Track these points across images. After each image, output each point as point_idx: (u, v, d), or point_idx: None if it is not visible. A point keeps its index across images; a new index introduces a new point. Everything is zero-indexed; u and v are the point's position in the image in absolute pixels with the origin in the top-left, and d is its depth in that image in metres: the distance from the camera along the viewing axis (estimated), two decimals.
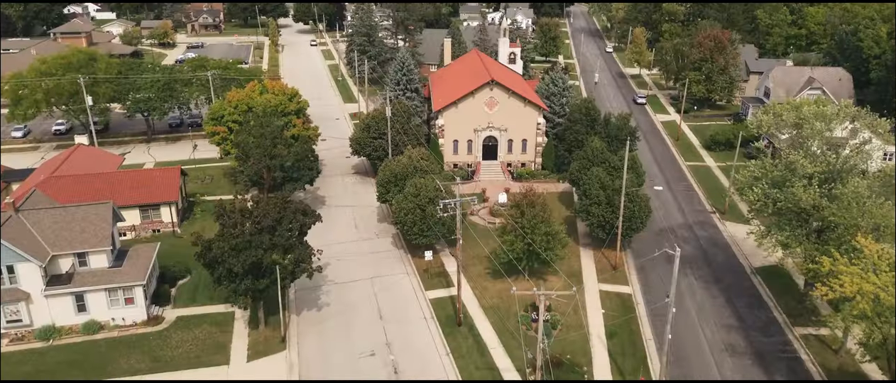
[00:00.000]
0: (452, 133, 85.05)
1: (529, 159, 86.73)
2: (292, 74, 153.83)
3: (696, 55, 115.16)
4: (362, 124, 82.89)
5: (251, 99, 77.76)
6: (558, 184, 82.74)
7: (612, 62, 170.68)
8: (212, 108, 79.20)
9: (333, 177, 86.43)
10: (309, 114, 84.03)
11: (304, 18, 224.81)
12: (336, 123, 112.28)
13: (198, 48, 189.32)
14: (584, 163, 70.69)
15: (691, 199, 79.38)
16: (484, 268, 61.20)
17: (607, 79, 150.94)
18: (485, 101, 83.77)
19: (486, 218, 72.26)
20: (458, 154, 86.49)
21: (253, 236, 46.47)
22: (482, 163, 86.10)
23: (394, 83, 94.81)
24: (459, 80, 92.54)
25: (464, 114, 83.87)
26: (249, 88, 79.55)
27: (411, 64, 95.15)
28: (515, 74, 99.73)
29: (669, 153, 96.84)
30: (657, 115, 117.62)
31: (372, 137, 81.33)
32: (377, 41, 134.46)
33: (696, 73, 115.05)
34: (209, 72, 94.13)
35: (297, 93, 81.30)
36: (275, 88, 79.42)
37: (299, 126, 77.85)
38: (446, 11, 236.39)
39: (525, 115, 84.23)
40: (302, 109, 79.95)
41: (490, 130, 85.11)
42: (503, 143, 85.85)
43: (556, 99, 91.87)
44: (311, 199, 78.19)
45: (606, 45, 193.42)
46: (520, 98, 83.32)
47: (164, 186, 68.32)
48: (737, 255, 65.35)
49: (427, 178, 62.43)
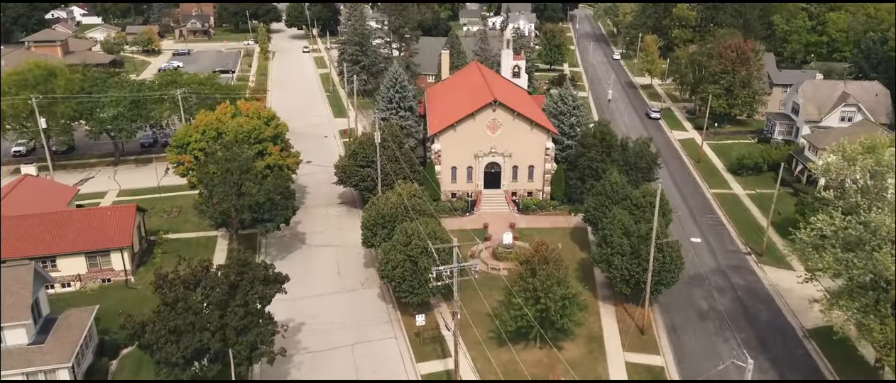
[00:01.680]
0: (450, 159, 75.70)
1: (537, 187, 77.33)
2: (281, 84, 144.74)
3: (715, 66, 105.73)
4: (349, 150, 73.49)
5: (221, 123, 68.37)
6: (570, 218, 73.32)
7: (620, 70, 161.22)
8: (176, 134, 69.82)
9: (317, 209, 77.04)
10: (288, 140, 74.47)
11: (297, 23, 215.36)
12: (324, 143, 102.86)
13: (184, 55, 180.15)
14: (601, 200, 61.23)
15: (721, 237, 69.91)
16: (487, 331, 51.75)
17: (616, 89, 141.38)
18: (487, 124, 74.41)
19: (488, 262, 62.81)
20: (457, 182, 77.11)
21: (198, 316, 37.04)
22: (484, 193, 76.70)
23: (385, 101, 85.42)
24: (458, 97, 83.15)
25: (463, 138, 74.54)
26: (220, 110, 70.16)
27: (405, 79, 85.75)
28: (520, 90, 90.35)
29: (691, 178, 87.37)
30: (673, 132, 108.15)
31: (359, 165, 71.93)
32: (370, 51, 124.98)
33: (715, 87, 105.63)
34: (179, 89, 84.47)
35: (275, 116, 71.85)
36: (249, 110, 70.01)
37: (276, 154, 68.40)
38: (445, 16, 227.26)
39: (532, 139, 74.87)
40: (280, 135, 70.51)
41: (493, 156, 75.73)
42: (507, 170, 76.47)
43: (566, 118, 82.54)
44: (289, 238, 68.80)
45: (613, 51, 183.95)
46: (526, 120, 73.96)
47: (115, 229, 58.90)
48: (783, 311, 55.85)
49: (419, 223, 52.99)
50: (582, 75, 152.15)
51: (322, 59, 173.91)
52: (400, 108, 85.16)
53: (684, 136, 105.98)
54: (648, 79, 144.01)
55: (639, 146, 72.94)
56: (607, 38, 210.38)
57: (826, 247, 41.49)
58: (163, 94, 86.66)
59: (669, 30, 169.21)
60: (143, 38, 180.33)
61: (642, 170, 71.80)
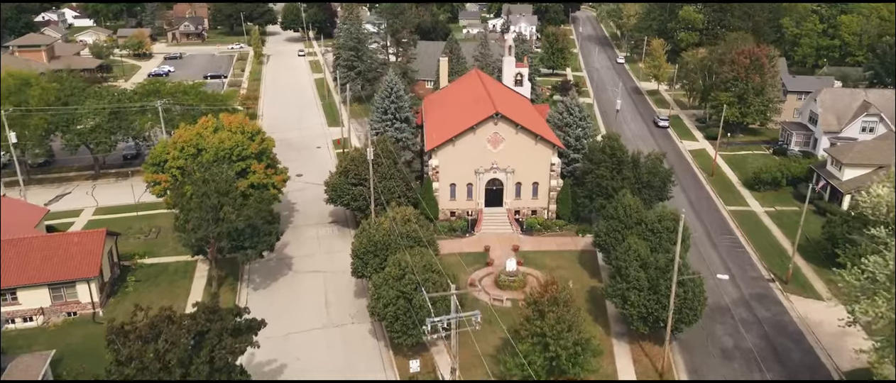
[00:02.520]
0: (449, 175, 70.62)
1: (541, 206, 72.23)
2: (274, 90, 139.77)
3: (728, 73, 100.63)
4: (340, 167, 68.39)
5: (201, 138, 63.28)
6: (577, 239, 68.21)
7: (624, 75, 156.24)
8: (153, 151, 64.68)
9: (306, 228, 71.93)
10: (275, 155, 69.32)
11: (292, 26, 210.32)
12: (316, 154, 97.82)
13: (176, 59, 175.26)
14: (613, 224, 56.08)
15: (741, 260, 64.77)
16: (489, 375, 46.62)
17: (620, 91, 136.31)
18: (488, 138, 69.33)
19: (490, 291, 57.69)
20: (456, 200, 72.02)
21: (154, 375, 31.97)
22: (485, 211, 71.60)
23: (380, 111, 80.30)
24: (458, 108, 78.06)
25: (463, 153, 69.46)
26: (201, 125, 65.06)
27: (401, 88, 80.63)
28: (523, 99, 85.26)
29: (704, 193, 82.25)
30: (683, 142, 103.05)
31: (351, 184, 66.84)
32: (366, 56, 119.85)
33: (727, 94, 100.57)
34: (159, 101, 79.22)
35: (260, 130, 66.68)
36: (232, 124, 64.88)
37: (260, 172, 63.25)
38: (444, 18, 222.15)
39: (536, 154, 69.79)
40: (265, 151, 65.36)
41: (494, 172, 70.66)
42: (510, 187, 71.40)
43: (571, 130, 77.54)
44: (274, 262, 63.68)
45: (617, 55, 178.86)
46: (530, 134, 68.88)
47: (81, 258, 53.78)
48: (815, 349, 50.71)
49: (414, 254, 47.91)
50: (586, 80, 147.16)
51: (318, 62, 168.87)
52: (395, 119, 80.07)
53: (695, 147, 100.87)
54: (655, 84, 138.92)
55: (651, 162, 67.85)
56: (610, 40, 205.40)
57: (878, 292, 36.36)
58: (144, 104, 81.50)
59: (675, 33, 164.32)
60: (133, 41, 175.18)
61: (655, 188, 66.76)
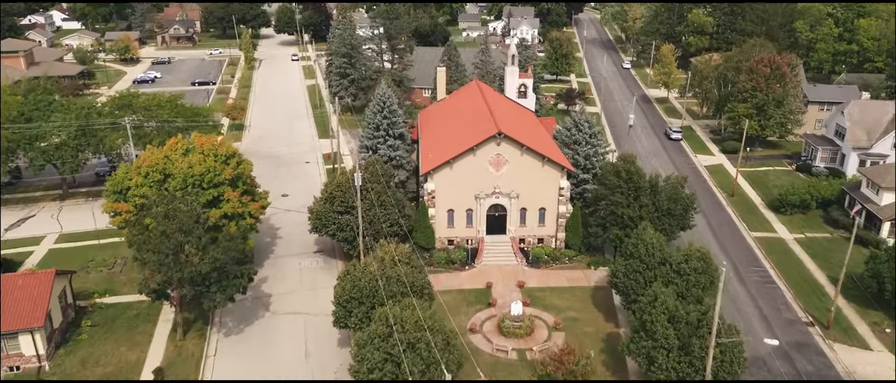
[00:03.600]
0: (446, 200, 63.84)
1: (549, 233, 65.44)
2: (264, 98, 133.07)
3: (746, 83, 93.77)
4: (325, 193, 61.52)
5: (169, 162, 56.45)
6: (589, 273, 61.38)
7: (631, 80, 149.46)
8: (113, 177, 57.78)
9: (289, 259, 65.09)
10: (254, 178, 62.48)
11: (286, 29, 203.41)
12: (305, 170, 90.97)
13: (164, 64, 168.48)
14: (633, 265, 49.23)
15: (774, 299, 57.90)
16: None
17: (627, 100, 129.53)
18: (490, 159, 62.55)
19: (493, 340, 50.81)
20: (455, 227, 65.23)
21: None
22: (486, 240, 64.79)
23: (372, 127, 73.47)
24: (456, 124, 71.29)
25: (461, 177, 62.70)
26: (169, 147, 58.21)
27: (394, 102, 73.77)
28: (527, 113, 78.51)
29: (726, 216, 75.39)
30: (698, 157, 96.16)
31: (337, 212, 59.99)
32: (359, 64, 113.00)
33: (745, 106, 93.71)
34: (128, 118, 72.22)
35: (235, 153, 59.74)
36: (204, 146, 58.01)
37: (234, 200, 56.35)
38: (443, 20, 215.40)
39: (543, 177, 63.01)
40: (241, 176, 58.43)
41: (496, 197, 63.86)
42: (514, 213, 64.59)
43: (581, 147, 70.72)
44: (250, 302, 56.80)
45: (623, 59, 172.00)
46: (536, 155, 62.10)
47: (26, 304, 46.99)
48: None
49: (405, 307, 41.05)
50: (591, 87, 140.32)
51: (312, 68, 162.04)
52: (388, 136, 73.23)
53: (711, 162, 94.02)
54: (664, 91, 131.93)
55: (671, 186, 60.99)
56: (615, 44, 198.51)
57: None
58: (114, 120, 74.58)
59: (683, 36, 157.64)
60: (119, 45, 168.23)
61: (677, 216, 59.93)
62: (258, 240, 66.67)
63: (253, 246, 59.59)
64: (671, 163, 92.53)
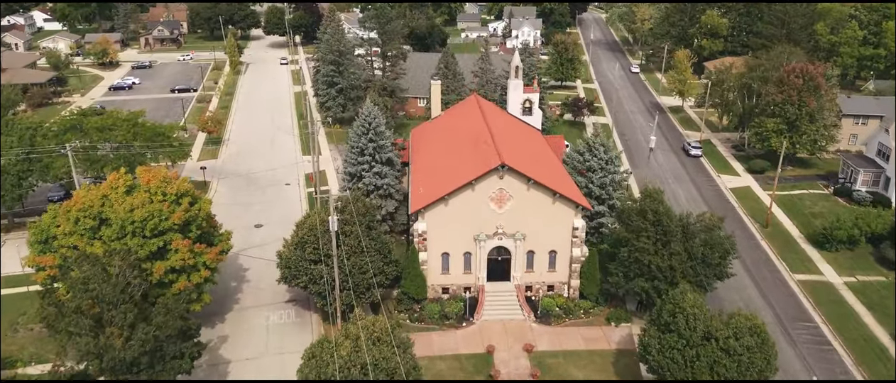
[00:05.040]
0: (440, 242, 54.36)
1: (560, 280, 55.97)
2: (248, 106, 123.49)
3: (775, 95, 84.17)
4: (296, 237, 51.96)
5: (107, 205, 46.92)
6: (609, 331, 51.96)
7: (641, 87, 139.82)
8: (36, 224, 48.20)
9: (256, 311, 55.56)
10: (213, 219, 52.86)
11: (276, 30, 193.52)
12: (284, 193, 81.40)
13: (144, 69, 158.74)
14: (671, 340, 39.68)
15: (831, 365, 48.49)
16: None
17: (638, 109, 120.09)
18: (491, 195, 53.06)
19: None
20: (450, 273, 55.73)
21: None
22: (488, 289, 55.31)
23: (356, 152, 63.97)
24: (452, 150, 61.80)
25: (458, 215, 53.22)
26: (109, 183, 48.65)
27: (381, 122, 64.20)
28: (533, 134, 69.06)
29: (761, 253, 65.86)
30: (722, 177, 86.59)
31: (310, 261, 50.46)
32: (347, 73, 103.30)
33: (774, 120, 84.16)
34: (71, 144, 62.38)
35: (190, 190, 50.12)
36: (151, 182, 48.45)
37: (184, 251, 46.77)
38: (440, 21, 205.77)
39: (554, 215, 53.52)
40: (193, 221, 48.75)
41: (499, 239, 54.36)
42: (519, 257, 55.12)
43: (595, 175, 61.38)
44: (204, 372, 47.29)
45: (631, 63, 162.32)
46: (546, 190, 52.61)
47: None
48: None
49: None
50: (598, 94, 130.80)
51: (301, 73, 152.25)
52: (375, 161, 63.75)
53: (737, 183, 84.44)
54: (678, 99, 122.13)
55: (706, 228, 51.44)
56: (622, 46, 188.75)
57: None
58: (60, 144, 64.85)
59: (696, 39, 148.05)
60: (96, 48, 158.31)
61: (713, 264, 50.47)
62: (221, 283, 57.26)
63: (209, 301, 50.16)
64: (693, 186, 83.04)
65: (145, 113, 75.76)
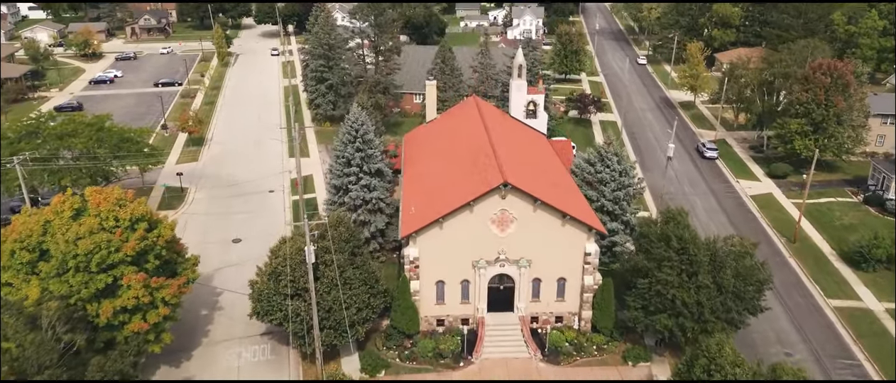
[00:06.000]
0: (435, 269, 48.07)
1: (570, 310, 49.76)
2: (235, 101, 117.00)
3: (801, 95, 77.56)
4: (269, 266, 45.65)
5: (49, 233, 40.57)
6: (626, 371, 45.83)
7: (649, 80, 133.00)
8: None
9: (226, 347, 49.28)
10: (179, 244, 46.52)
11: (267, 19, 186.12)
12: (267, 202, 74.97)
13: (129, 60, 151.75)
14: None
15: None
16: None
17: (648, 105, 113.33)
18: (492, 217, 46.71)
19: None
20: (446, 303, 49.49)
21: None
22: (488, 321, 49.10)
23: (342, 163, 57.50)
24: (448, 162, 55.36)
25: (455, 238, 46.90)
26: (54, 207, 42.24)
27: (369, 129, 57.62)
28: (538, 141, 62.60)
29: (791, 274, 59.52)
30: (740, 182, 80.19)
31: (284, 294, 44.18)
32: (338, 69, 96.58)
33: (798, 121, 77.67)
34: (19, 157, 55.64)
35: (148, 213, 43.70)
36: (102, 206, 42.07)
37: (137, 287, 40.41)
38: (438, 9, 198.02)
39: (564, 239, 47.22)
40: (150, 250, 42.38)
41: (501, 265, 48.09)
42: (524, 285, 48.86)
43: (608, 188, 54.99)
44: None
45: (638, 54, 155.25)
46: (555, 211, 46.26)
47: None
48: None
49: None
50: (604, 88, 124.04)
51: (293, 65, 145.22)
52: (363, 173, 57.31)
53: (757, 189, 78.04)
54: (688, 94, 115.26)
55: (737, 257, 45.04)
56: (627, 35, 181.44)
57: None
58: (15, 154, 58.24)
59: (706, 28, 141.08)
60: (78, 39, 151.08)
61: (746, 298, 44.21)
62: (190, 311, 51.25)
63: (169, 341, 43.92)
64: (711, 193, 76.67)
65: (112, 116, 68.90)
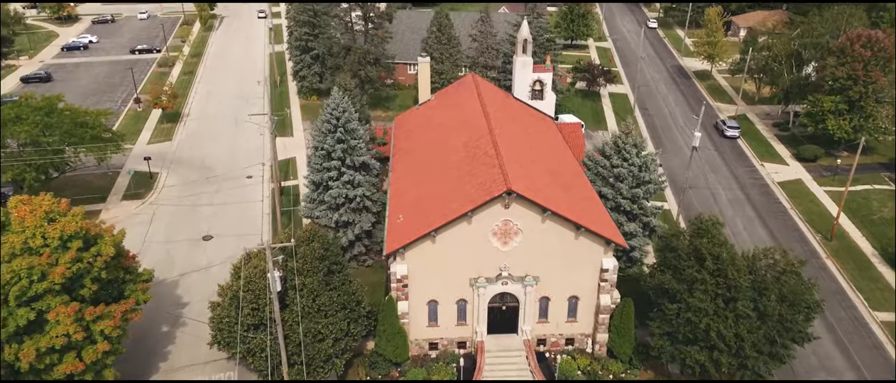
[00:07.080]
0: (426, 288, 41.29)
1: (583, 332, 43.18)
2: (216, 70, 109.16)
3: (836, 70, 69.72)
4: (230, 288, 38.77)
5: None
6: None
7: (660, 46, 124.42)
8: None
9: (189, 372, 42.79)
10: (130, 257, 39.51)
11: None
12: (244, 190, 67.71)
13: (106, 24, 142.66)
14: None
15: None
16: None
17: (661, 76, 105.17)
18: (493, 229, 39.70)
19: None
20: (439, 324, 42.84)
21: None
22: (488, 347, 42.51)
23: (321, 156, 50.17)
24: (442, 157, 48.00)
25: (450, 253, 40.01)
26: None
27: (352, 117, 50.14)
28: (545, 125, 55.22)
29: (830, 280, 52.64)
30: (766, 165, 72.97)
31: (249, 323, 37.41)
32: (324, 38, 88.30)
33: (833, 99, 70.05)
34: None
35: (84, 229, 36.29)
36: (27, 222, 34.87)
37: (67, 323, 33.57)
38: None
39: (577, 253, 40.35)
40: (86, 273, 35.38)
41: (503, 282, 41.27)
42: (530, 305, 42.15)
43: (624, 184, 47.85)
44: None
45: (647, 17, 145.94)
46: (567, 222, 39.23)
47: None
48: None
49: None
50: (613, 56, 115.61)
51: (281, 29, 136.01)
52: (345, 167, 50.11)
53: (785, 175, 70.80)
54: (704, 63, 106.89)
55: (784, 281, 38.07)
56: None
57: None
58: None
59: None
60: None
61: (793, 327, 37.45)
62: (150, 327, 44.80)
63: (112, 377, 37.29)
64: (734, 180, 69.50)
65: (64, 97, 61.11)
